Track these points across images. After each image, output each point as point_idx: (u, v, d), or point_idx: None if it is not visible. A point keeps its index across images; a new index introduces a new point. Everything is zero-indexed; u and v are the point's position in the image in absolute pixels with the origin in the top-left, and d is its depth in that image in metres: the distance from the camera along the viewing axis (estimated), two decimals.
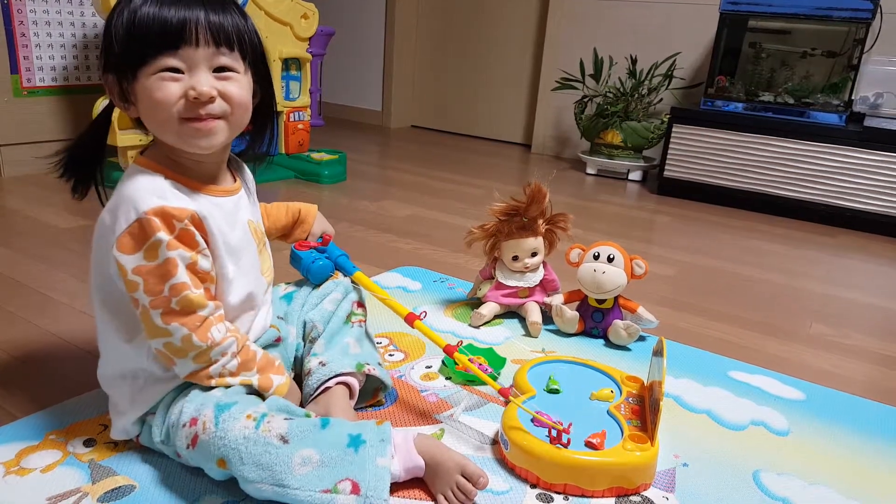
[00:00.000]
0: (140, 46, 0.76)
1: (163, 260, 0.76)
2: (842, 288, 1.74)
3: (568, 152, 3.33)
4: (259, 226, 0.95)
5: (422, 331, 1.00)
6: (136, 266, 0.76)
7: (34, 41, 2.23)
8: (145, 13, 0.75)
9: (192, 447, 0.78)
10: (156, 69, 0.76)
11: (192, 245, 0.79)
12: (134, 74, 0.77)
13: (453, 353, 0.98)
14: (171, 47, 0.76)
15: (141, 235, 0.76)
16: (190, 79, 0.77)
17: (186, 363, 0.80)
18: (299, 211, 1.10)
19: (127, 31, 0.76)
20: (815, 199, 2.34)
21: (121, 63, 0.77)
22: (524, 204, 1.30)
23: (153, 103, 0.77)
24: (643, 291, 1.52)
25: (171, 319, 0.78)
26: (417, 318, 1.01)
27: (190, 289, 0.78)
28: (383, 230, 1.93)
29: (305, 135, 2.54)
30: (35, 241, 1.65)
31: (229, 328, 0.83)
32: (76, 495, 0.79)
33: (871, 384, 1.24)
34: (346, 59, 3.94)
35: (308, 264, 1.06)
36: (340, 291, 1.06)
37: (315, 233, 1.11)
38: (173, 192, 0.79)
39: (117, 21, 0.76)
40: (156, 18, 0.75)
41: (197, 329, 0.79)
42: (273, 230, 1.09)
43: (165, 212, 0.76)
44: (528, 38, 3.42)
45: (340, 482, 0.74)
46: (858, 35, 2.33)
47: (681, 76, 2.85)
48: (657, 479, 0.89)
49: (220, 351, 0.81)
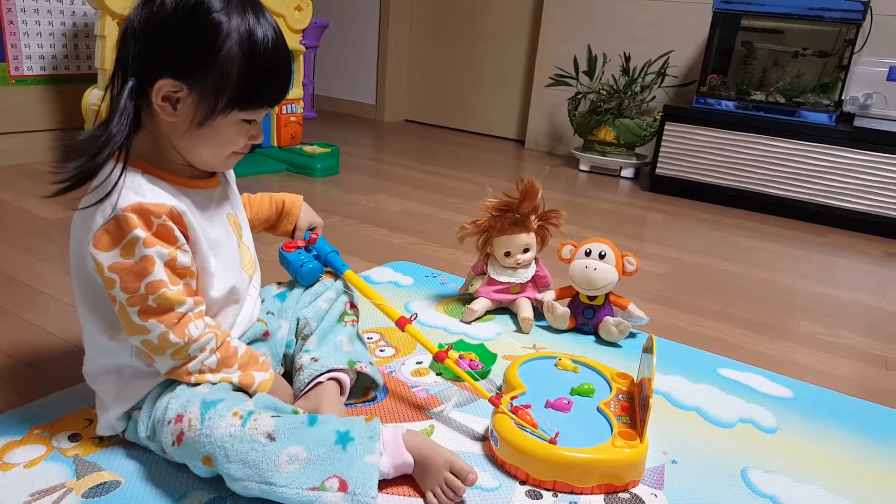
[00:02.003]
0: (258, 96, 0.79)
1: (139, 257, 0.75)
2: (831, 286, 1.75)
3: (561, 148, 3.33)
4: (238, 219, 0.93)
5: (413, 335, 0.99)
6: (112, 263, 0.75)
7: (22, 29, 2.20)
8: (272, 60, 0.78)
9: (178, 444, 0.77)
10: (250, 116, 0.80)
11: (171, 240, 0.78)
12: (226, 110, 0.77)
13: (444, 360, 0.97)
14: (276, 104, 0.83)
15: (117, 232, 0.75)
16: (256, 126, 0.83)
17: (165, 360, 0.80)
18: (283, 202, 1.08)
19: (253, 72, 0.77)
20: (806, 197, 2.36)
21: (228, 95, 0.76)
22: (517, 200, 1.30)
23: (224, 142, 0.80)
24: (634, 288, 1.52)
25: (148, 317, 0.77)
26: (408, 322, 1.00)
27: (167, 286, 0.77)
28: (376, 224, 1.92)
29: (298, 127, 2.53)
30: (21, 232, 1.63)
31: (208, 324, 0.82)
32: (60, 491, 0.78)
33: (859, 382, 1.24)
34: (340, 52, 3.92)
35: (297, 268, 1.04)
36: (334, 291, 1.06)
37: (301, 226, 1.09)
38: (151, 188, 0.78)
39: (234, 48, 0.75)
40: (281, 72, 0.81)
41: (174, 326, 0.78)
42: (257, 221, 1.07)
43: (142, 208, 0.75)
44: (523, 33, 3.41)
45: (328, 479, 0.73)
46: (849, 36, 2.34)
47: (674, 74, 2.85)
48: (646, 475, 0.89)
49: (199, 347, 0.80)
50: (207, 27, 0.74)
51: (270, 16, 0.79)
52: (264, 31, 0.77)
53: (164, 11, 0.74)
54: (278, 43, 0.79)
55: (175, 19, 0.74)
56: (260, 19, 0.77)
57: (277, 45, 0.79)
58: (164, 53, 0.75)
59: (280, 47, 0.79)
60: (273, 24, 0.79)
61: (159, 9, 0.74)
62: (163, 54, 0.75)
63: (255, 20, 0.76)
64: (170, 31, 0.74)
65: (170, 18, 0.74)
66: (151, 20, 0.74)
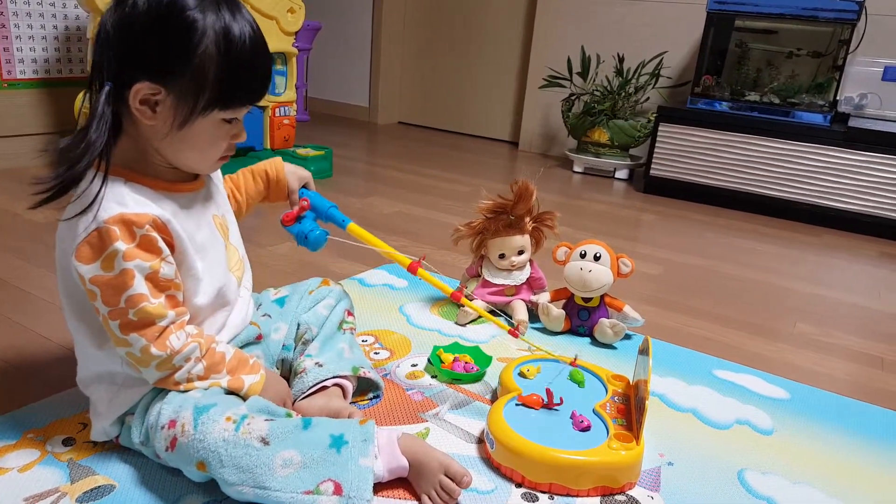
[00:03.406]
0: (237, 94, 0.77)
1: (119, 271, 0.74)
2: (826, 287, 1.76)
3: (555, 150, 3.33)
4: (224, 219, 0.92)
5: (425, 278, 0.99)
6: (92, 276, 0.74)
7: (14, 32, 2.19)
8: (250, 58, 0.76)
9: (171, 450, 0.77)
10: (231, 116, 0.79)
11: (154, 251, 0.76)
12: (205, 110, 0.76)
13: (460, 299, 0.98)
14: (256, 101, 0.80)
15: (99, 245, 0.73)
16: (238, 125, 0.81)
17: (151, 371, 0.79)
18: (266, 172, 1.04)
19: (231, 70, 0.75)
20: (800, 198, 2.36)
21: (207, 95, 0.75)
22: (511, 202, 1.29)
23: (207, 143, 0.79)
24: (629, 290, 1.52)
25: (129, 331, 0.76)
26: (419, 266, 0.99)
27: (147, 300, 0.75)
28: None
29: (291, 130, 2.52)
30: (14, 235, 1.62)
31: (190, 333, 0.81)
32: (55, 495, 0.77)
33: (855, 383, 1.24)
34: (333, 54, 3.92)
35: (302, 240, 1.01)
36: (334, 297, 1.06)
37: (294, 188, 1.06)
38: (133, 197, 0.76)
39: (211, 46, 0.73)
40: (260, 69, 0.78)
41: (155, 340, 0.77)
42: (250, 200, 1.04)
43: (125, 219, 0.74)
44: (516, 35, 3.41)
45: (322, 483, 0.73)
46: (843, 36, 2.35)
47: (667, 75, 2.85)
48: (642, 478, 0.89)
49: (183, 357, 0.79)
50: (182, 26, 0.72)
51: (247, 12, 0.78)
52: (241, 27, 0.75)
53: (137, 12, 0.72)
54: (256, 39, 0.77)
55: (148, 20, 0.72)
56: (236, 16, 0.75)
57: (255, 42, 0.77)
58: (139, 56, 0.73)
59: (258, 43, 0.77)
60: (250, 20, 0.77)
61: (131, 10, 0.72)
62: (138, 57, 0.73)
63: (231, 17, 0.75)
64: (143, 32, 0.72)
65: (143, 19, 0.72)
66: (124, 22, 0.73)
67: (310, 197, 1.05)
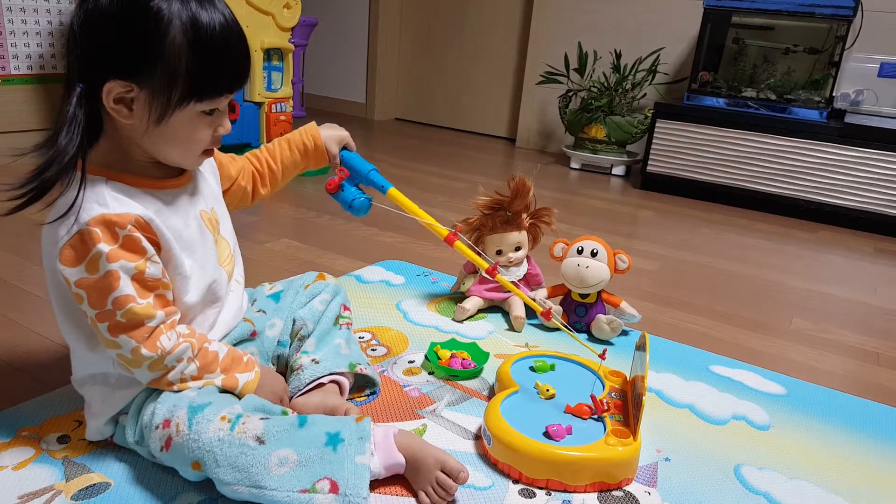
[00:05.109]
0: (212, 84, 0.75)
1: (104, 273, 0.73)
2: (822, 283, 1.76)
3: (552, 146, 3.33)
4: (214, 213, 0.90)
5: (461, 251, 1.01)
6: (77, 279, 0.73)
7: (8, 28, 2.18)
8: (221, 46, 0.73)
9: (166, 450, 0.77)
10: (209, 107, 0.76)
11: (138, 251, 0.75)
12: (181, 103, 0.73)
13: (495, 275, 0.99)
14: (235, 90, 0.77)
15: (82, 248, 0.72)
16: (220, 116, 0.79)
17: (143, 372, 0.78)
18: (303, 143, 1.03)
19: (203, 60, 0.72)
20: (796, 194, 2.36)
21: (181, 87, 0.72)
22: (508, 198, 1.29)
23: (188, 137, 0.77)
24: (626, 286, 1.52)
25: (117, 333, 0.75)
26: (456, 238, 1.01)
27: (135, 300, 0.74)
28: (366, 224, 1.92)
29: (287, 126, 2.51)
30: (8, 233, 1.62)
31: (182, 333, 0.80)
32: (49, 493, 0.77)
33: (851, 378, 1.25)
34: (329, 50, 3.91)
35: (347, 207, 1.02)
36: (329, 292, 1.05)
37: (334, 152, 1.04)
38: (114, 197, 0.74)
39: (179, 36, 0.70)
40: (234, 57, 0.76)
41: (145, 340, 0.76)
42: (286, 171, 1.03)
43: (106, 220, 0.72)
44: (513, 31, 3.40)
45: (318, 481, 0.73)
46: (840, 32, 2.35)
47: (664, 71, 2.86)
48: (639, 473, 0.89)
49: (175, 358, 0.79)
50: (146, 17, 0.70)
51: (220, 0, 0.75)
52: (210, 15, 0.72)
53: (100, 8, 0.70)
54: (227, 25, 0.74)
55: (112, 14, 0.70)
56: (204, 3, 0.72)
57: (227, 28, 0.74)
58: (107, 53, 0.71)
59: (230, 31, 0.74)
60: (222, 7, 0.74)
61: (94, 6, 0.70)
62: (106, 54, 0.71)
63: (199, 4, 0.72)
64: (108, 27, 0.70)
65: (106, 14, 0.70)
66: (89, 20, 0.71)
67: (350, 160, 1.04)
